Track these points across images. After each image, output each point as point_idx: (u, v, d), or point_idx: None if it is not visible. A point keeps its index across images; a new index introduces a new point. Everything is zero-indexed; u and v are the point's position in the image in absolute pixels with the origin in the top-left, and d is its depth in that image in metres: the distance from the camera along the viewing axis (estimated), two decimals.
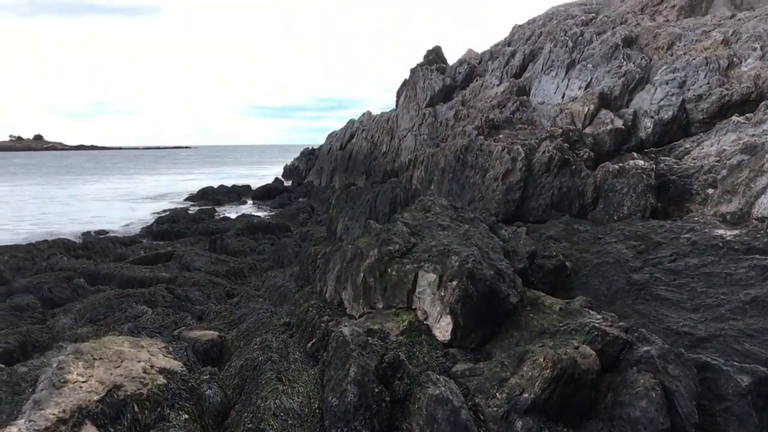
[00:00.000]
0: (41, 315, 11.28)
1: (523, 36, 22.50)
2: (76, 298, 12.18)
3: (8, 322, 10.74)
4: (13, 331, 9.70)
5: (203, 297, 11.73)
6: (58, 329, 9.57)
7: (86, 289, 12.67)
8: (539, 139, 11.50)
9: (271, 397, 5.67)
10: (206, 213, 27.92)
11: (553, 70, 16.75)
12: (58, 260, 15.02)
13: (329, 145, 44.04)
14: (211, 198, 37.06)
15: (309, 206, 27.18)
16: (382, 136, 30.05)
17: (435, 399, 4.68)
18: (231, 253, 16.83)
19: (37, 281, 12.94)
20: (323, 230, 18.89)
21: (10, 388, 6.26)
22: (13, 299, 11.84)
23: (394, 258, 7.16)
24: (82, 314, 10.36)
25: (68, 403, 4.92)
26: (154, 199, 40.03)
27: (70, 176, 71.69)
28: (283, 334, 8.08)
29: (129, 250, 17.52)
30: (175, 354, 7.05)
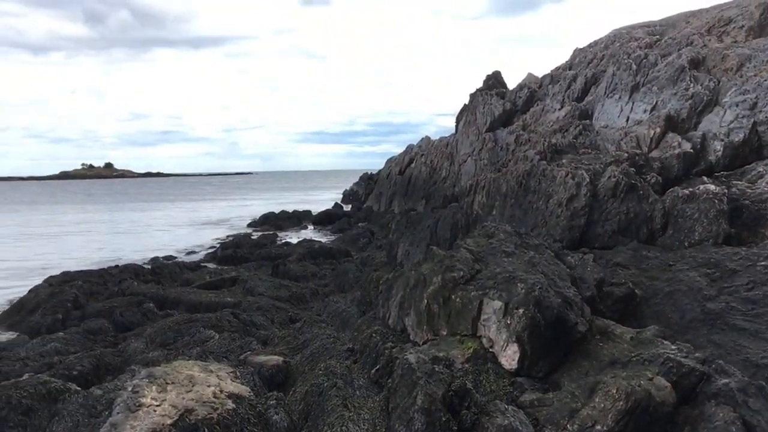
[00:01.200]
0: (113, 338, 11.65)
1: (585, 59, 22.23)
2: (146, 322, 12.52)
3: (82, 346, 11.13)
4: (88, 354, 10.02)
5: (267, 322, 11.89)
6: (130, 353, 9.84)
7: (155, 313, 13.02)
8: (604, 163, 11.28)
9: (337, 423, 5.69)
10: (268, 238, 28.38)
11: (616, 93, 16.48)
12: (128, 285, 15.50)
13: (388, 170, 44.28)
14: (273, 223, 37.66)
15: (369, 231, 27.30)
16: (442, 160, 30.06)
17: (504, 429, 4.62)
18: (293, 278, 17.03)
19: (109, 306, 13.39)
20: (383, 255, 18.92)
21: (86, 410, 6.50)
22: (87, 323, 12.28)
23: (458, 285, 7.12)
24: (153, 338, 10.64)
25: (143, 427, 5.06)
26: (217, 224, 40.97)
27: (138, 203, 74.15)
28: (347, 360, 8.10)
29: (195, 275, 17.95)
30: (242, 379, 7.16)
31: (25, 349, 10.77)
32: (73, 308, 13.59)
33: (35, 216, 52.78)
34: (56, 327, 12.59)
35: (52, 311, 13.14)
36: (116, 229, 39.70)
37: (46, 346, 10.85)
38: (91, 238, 33.89)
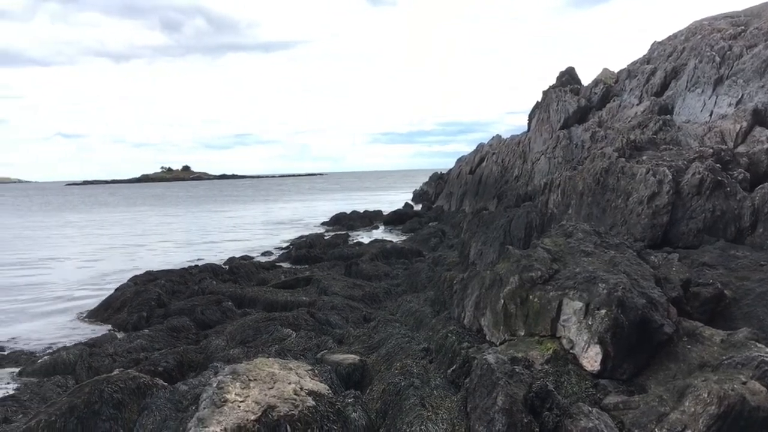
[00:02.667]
0: (195, 336, 12.03)
1: (664, 53, 21.47)
2: (226, 320, 12.88)
3: (166, 342, 11.55)
4: (172, 351, 10.40)
5: (342, 321, 12.03)
6: (212, 350, 10.13)
7: (234, 311, 13.38)
8: (687, 159, 10.88)
9: (416, 422, 5.70)
10: (340, 238, 28.71)
11: (698, 87, 15.85)
12: (208, 284, 15.98)
13: (458, 169, 44.05)
14: (345, 223, 38.06)
15: (440, 231, 27.22)
16: (514, 159, 29.65)
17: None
18: (366, 278, 17.16)
19: (190, 304, 13.83)
20: (455, 255, 18.84)
21: (173, 405, 6.73)
22: (170, 321, 12.72)
23: (536, 285, 7.01)
24: (233, 336, 10.93)
25: (228, 422, 5.19)
26: (290, 224, 41.70)
27: (214, 204, 76.39)
28: (423, 359, 8.11)
29: (270, 275, 18.33)
30: (320, 377, 7.25)
31: (114, 346, 11.28)
32: (157, 306, 14.12)
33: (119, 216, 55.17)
34: (141, 324, 13.12)
35: (138, 309, 13.69)
36: (194, 230, 40.98)
37: (133, 342, 11.33)
38: (171, 238, 35.11)
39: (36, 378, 10.19)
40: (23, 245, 33.23)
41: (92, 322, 14.23)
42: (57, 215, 62.69)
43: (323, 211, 49.26)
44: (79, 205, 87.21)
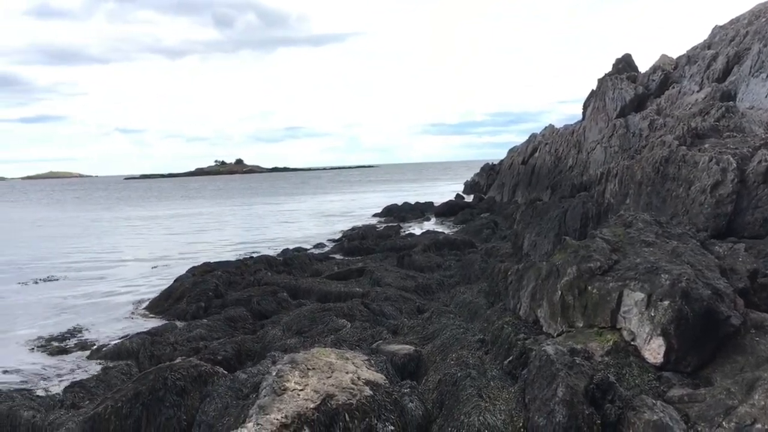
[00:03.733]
0: (251, 326, 12.25)
1: (726, 37, 20.71)
2: (281, 310, 13.07)
3: (224, 332, 11.80)
4: (230, 340, 10.62)
5: (396, 311, 12.06)
6: (269, 340, 10.30)
7: (289, 302, 13.56)
8: (752, 147, 10.50)
9: (474, 413, 5.68)
10: (392, 229, 28.75)
11: (763, 71, 15.23)
12: (263, 275, 16.23)
13: (510, 159, 43.60)
14: (396, 214, 38.11)
15: (492, 222, 27.00)
16: (568, 149, 29.15)
17: (653, 425, 4.42)
18: (418, 269, 17.15)
19: (246, 295, 14.08)
20: (508, 246, 18.66)
21: (234, 393, 6.87)
22: (227, 311, 12.98)
23: (595, 275, 6.89)
24: (289, 326, 11.08)
25: (289, 410, 5.28)
26: (342, 216, 41.99)
27: (267, 197, 77.52)
28: (478, 350, 8.08)
29: (323, 266, 18.50)
30: (376, 367, 7.31)
31: (174, 335, 11.57)
32: (214, 297, 14.41)
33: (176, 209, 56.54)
34: (200, 314, 13.41)
35: (196, 300, 14.00)
36: (248, 222, 41.69)
37: (192, 332, 11.60)
38: (226, 230, 35.81)
39: (101, 364, 10.55)
40: (89, 237, 34.39)
41: (152, 312, 14.63)
42: (119, 208, 64.64)
43: (374, 203, 49.43)
44: (138, 198, 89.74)
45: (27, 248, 30.23)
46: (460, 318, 10.42)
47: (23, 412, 7.69)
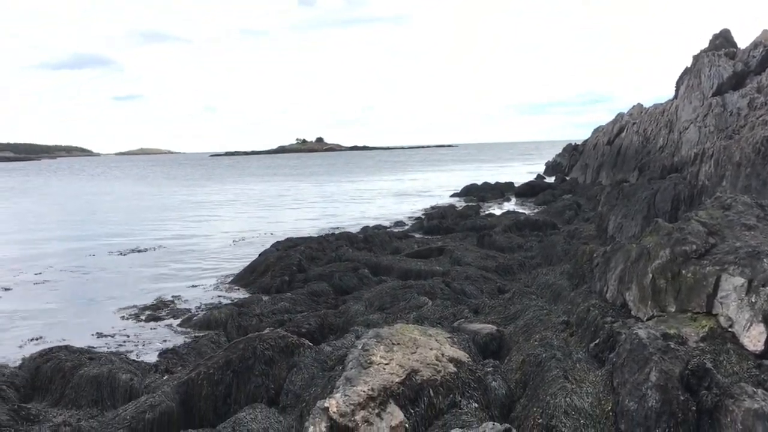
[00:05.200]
0: (333, 300, 12.49)
1: None
2: (362, 286, 13.27)
3: (307, 306, 12.09)
4: (313, 314, 10.87)
5: (477, 291, 12.02)
6: (351, 314, 10.48)
7: (370, 278, 13.74)
8: None
9: (560, 394, 5.61)
10: (472, 209, 28.57)
11: None
12: (344, 252, 16.48)
13: (595, 140, 42.37)
14: (476, 195, 37.81)
15: (575, 203, 26.40)
16: (658, 129, 28.05)
17: (754, 414, 4.25)
18: (499, 249, 17.01)
19: (328, 270, 14.35)
20: (592, 228, 18.24)
21: (319, 364, 7.05)
22: (310, 285, 13.29)
23: (690, 259, 6.65)
24: (371, 302, 11.24)
25: (375, 383, 5.36)
26: (422, 195, 41.99)
27: (347, 175, 78.39)
28: (563, 332, 7.96)
29: (403, 244, 18.60)
30: (459, 344, 7.32)
31: (260, 307, 11.94)
32: (298, 271, 14.76)
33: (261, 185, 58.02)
34: (283, 288, 13.78)
35: (280, 274, 14.38)
36: (328, 199, 42.32)
37: (277, 304, 11.94)
38: (307, 207, 36.50)
39: (192, 333, 11.02)
40: (176, 211, 35.79)
41: (238, 285, 15.12)
42: (204, 184, 66.87)
43: (454, 183, 49.16)
44: (223, 175, 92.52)
45: (120, 221, 31.79)
46: (542, 299, 10.29)
47: (122, 374, 8.13)
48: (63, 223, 31.75)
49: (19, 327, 12.10)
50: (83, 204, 44.67)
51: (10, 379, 8.33)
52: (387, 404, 5.26)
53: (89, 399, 7.78)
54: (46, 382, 8.38)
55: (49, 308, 13.55)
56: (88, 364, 8.45)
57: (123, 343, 10.86)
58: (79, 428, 6.96)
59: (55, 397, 8.06)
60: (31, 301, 14.19)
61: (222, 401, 6.90)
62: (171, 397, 6.77)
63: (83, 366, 8.37)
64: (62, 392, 8.06)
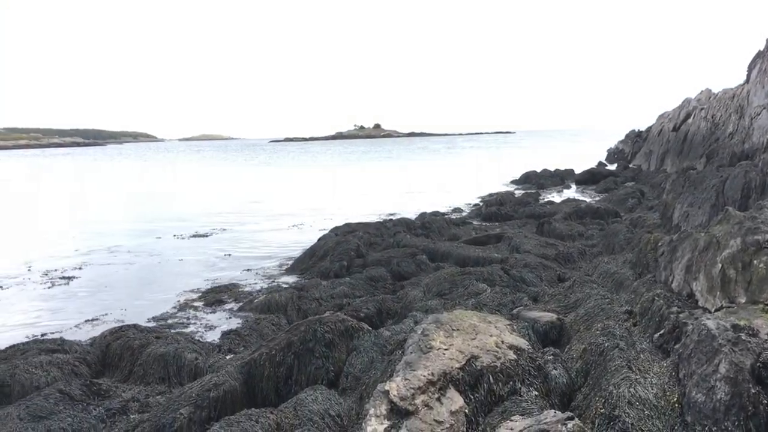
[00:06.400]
0: (391, 286, 12.56)
1: None
2: (420, 272, 13.29)
3: (365, 291, 12.19)
4: (372, 299, 10.97)
5: (536, 278, 11.89)
6: (409, 300, 10.52)
7: (428, 264, 13.74)
8: None
9: (623, 384, 5.52)
10: (531, 196, 28.21)
11: None
12: (402, 237, 16.52)
13: (660, 126, 41.14)
14: (535, 182, 37.30)
15: (638, 191, 25.73)
16: (727, 114, 27.04)
17: None
18: (558, 237, 16.76)
19: (386, 256, 14.42)
20: (656, 216, 17.76)
21: (379, 348, 7.11)
22: (369, 270, 13.39)
23: (762, 249, 6.42)
24: (429, 288, 11.26)
25: (435, 368, 5.39)
26: (479, 181, 41.62)
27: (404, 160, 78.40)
28: (626, 322, 7.81)
29: (461, 231, 18.52)
30: (518, 332, 7.27)
31: (319, 290, 12.10)
32: (356, 256, 14.89)
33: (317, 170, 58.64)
34: (342, 272, 13.92)
35: (339, 258, 14.52)
36: (384, 185, 42.41)
37: (336, 289, 12.08)
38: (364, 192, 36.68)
39: (253, 315, 11.25)
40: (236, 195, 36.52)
41: (297, 269, 15.34)
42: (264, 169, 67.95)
43: (512, 169, 48.53)
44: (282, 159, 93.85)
45: (184, 204, 32.67)
46: (604, 288, 10.11)
47: (187, 354, 8.40)
48: (130, 205, 32.93)
49: (89, 306, 12.60)
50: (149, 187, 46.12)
51: (83, 356, 8.72)
52: (447, 389, 5.27)
53: (156, 376, 8.08)
54: (115, 359, 8.73)
55: (117, 289, 14.06)
56: (155, 343, 8.76)
57: (186, 323, 11.18)
58: (147, 404, 7.24)
59: (124, 374, 8.39)
60: (100, 282, 14.75)
61: (283, 382, 7.05)
62: (234, 376, 6.95)
63: (150, 345, 8.69)
64: (131, 369, 8.39)
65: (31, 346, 9.02)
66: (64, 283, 14.61)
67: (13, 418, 6.58)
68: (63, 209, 32.32)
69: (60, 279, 14.99)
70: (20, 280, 15.04)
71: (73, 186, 49.24)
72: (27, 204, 36.08)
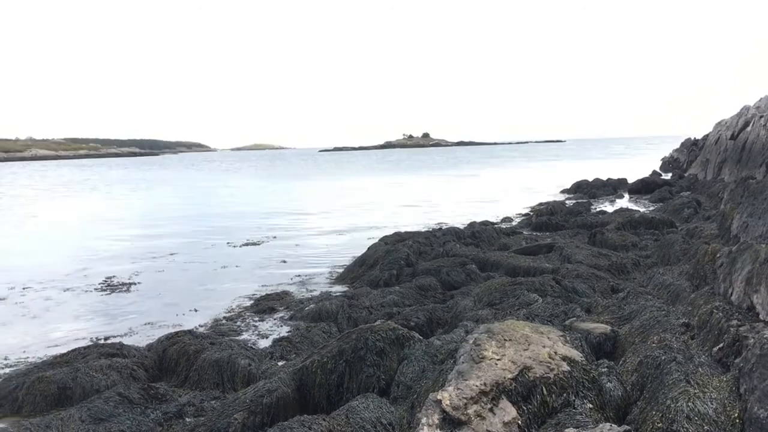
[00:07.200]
0: (441, 295, 12.54)
1: None
2: (469, 282, 13.23)
3: (415, 300, 12.20)
4: (421, 308, 10.98)
5: (588, 289, 11.71)
6: (459, 309, 10.49)
7: (478, 274, 13.67)
8: None
9: (681, 398, 5.40)
10: (582, 206, 27.79)
11: None
12: (451, 247, 16.48)
13: (717, 134, 40.03)
14: (586, 191, 36.72)
15: (695, 201, 25.08)
16: None
17: None
18: (611, 247, 16.47)
19: (436, 265, 14.39)
20: (713, 227, 17.28)
21: (429, 357, 7.12)
22: (418, 279, 13.39)
23: None
24: (480, 298, 11.20)
25: (487, 378, 5.37)
26: (529, 191, 41.25)
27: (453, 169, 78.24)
28: (683, 335, 7.64)
29: (511, 240, 18.36)
30: (571, 343, 7.18)
31: (369, 299, 12.16)
32: (406, 265, 14.90)
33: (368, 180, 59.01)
34: (392, 281, 13.95)
35: (389, 267, 14.55)
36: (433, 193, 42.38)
37: (386, 297, 12.12)
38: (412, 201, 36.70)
39: (304, 323, 11.38)
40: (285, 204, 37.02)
41: (347, 277, 15.45)
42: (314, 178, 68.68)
43: (562, 178, 47.96)
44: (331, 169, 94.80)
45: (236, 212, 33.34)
46: (659, 300, 9.91)
47: (241, 360, 8.55)
48: (185, 213, 33.75)
49: (145, 311, 12.95)
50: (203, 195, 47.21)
51: (140, 360, 8.97)
52: (499, 400, 5.24)
53: (211, 381, 8.25)
54: (172, 364, 8.95)
55: (172, 295, 14.39)
56: (209, 349, 8.95)
57: (239, 330, 11.36)
58: (202, 408, 7.40)
59: (180, 379, 8.59)
60: (156, 288, 15.14)
61: (335, 389, 7.11)
62: (287, 383, 7.05)
63: (205, 350, 8.88)
64: (187, 374, 8.59)
65: (92, 350, 9.32)
66: (123, 289, 15.03)
67: (75, 419, 6.81)
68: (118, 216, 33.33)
69: (118, 285, 15.44)
70: (80, 285, 15.56)
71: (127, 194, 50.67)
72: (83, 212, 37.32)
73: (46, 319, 12.56)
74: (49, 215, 35.60)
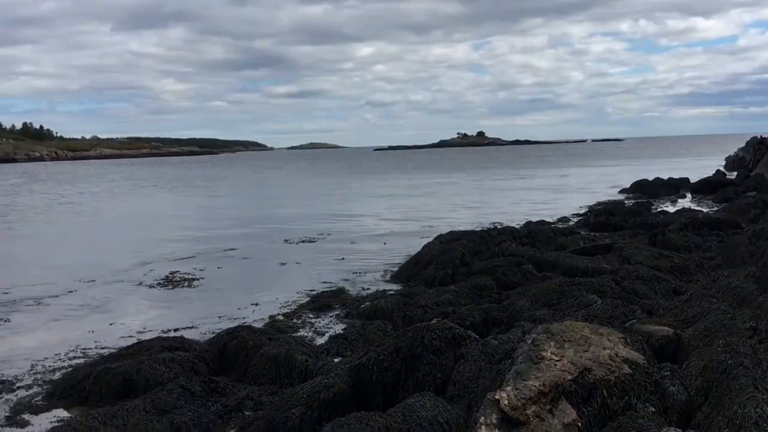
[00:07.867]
0: (497, 295, 12.42)
1: None
2: (526, 282, 13.06)
3: (470, 299, 12.12)
4: (477, 307, 10.91)
5: (650, 291, 11.44)
6: (516, 309, 10.38)
7: (534, 274, 13.49)
8: None
9: (749, 404, 5.23)
10: (642, 206, 27.15)
11: None
12: (507, 246, 16.30)
13: None
14: (647, 191, 35.82)
15: (761, 201, 24.18)
16: None
17: None
18: (673, 248, 16.03)
19: (491, 264, 14.26)
20: None
21: (486, 357, 7.07)
22: (473, 279, 13.30)
23: None
24: (537, 298, 11.07)
25: (546, 379, 5.31)
26: (586, 191, 40.56)
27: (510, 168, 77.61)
28: (750, 339, 7.40)
29: (568, 240, 18.07)
30: (632, 345, 7.03)
31: (424, 298, 12.15)
32: (461, 265, 14.81)
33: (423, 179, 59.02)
34: (447, 280, 13.88)
35: (444, 266, 14.49)
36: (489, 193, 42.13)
37: (441, 296, 12.08)
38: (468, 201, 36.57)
39: (359, 321, 11.46)
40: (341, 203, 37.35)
41: (402, 276, 15.48)
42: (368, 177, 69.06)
43: (621, 178, 46.90)
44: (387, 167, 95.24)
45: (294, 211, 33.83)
46: (724, 303, 9.61)
47: (298, 355, 8.67)
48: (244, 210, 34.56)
49: (206, 306, 13.25)
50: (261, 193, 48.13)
51: (201, 354, 9.20)
52: (559, 401, 5.19)
53: (269, 377, 8.39)
54: (231, 358, 9.15)
55: (231, 291, 14.70)
56: (267, 344, 9.10)
57: (296, 326, 11.52)
58: (261, 402, 7.55)
59: (239, 373, 8.77)
60: (216, 284, 15.50)
61: (391, 387, 7.13)
62: (344, 379, 7.12)
63: (264, 345, 9.04)
64: (245, 369, 8.75)
65: (155, 344, 9.60)
66: (184, 284, 15.43)
67: (140, 410, 7.04)
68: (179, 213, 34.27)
69: (180, 280, 15.84)
70: (144, 280, 16.05)
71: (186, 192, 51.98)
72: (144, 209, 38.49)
73: (111, 312, 12.99)
74: (116, 211, 36.95)
